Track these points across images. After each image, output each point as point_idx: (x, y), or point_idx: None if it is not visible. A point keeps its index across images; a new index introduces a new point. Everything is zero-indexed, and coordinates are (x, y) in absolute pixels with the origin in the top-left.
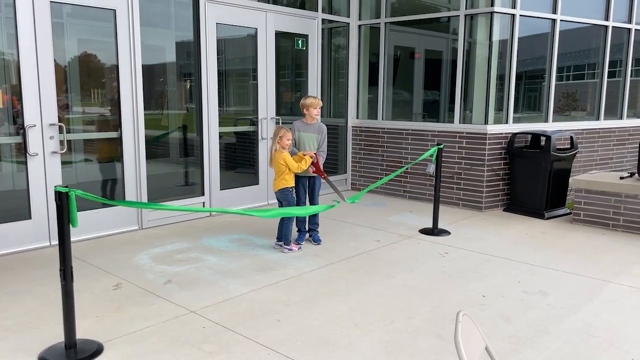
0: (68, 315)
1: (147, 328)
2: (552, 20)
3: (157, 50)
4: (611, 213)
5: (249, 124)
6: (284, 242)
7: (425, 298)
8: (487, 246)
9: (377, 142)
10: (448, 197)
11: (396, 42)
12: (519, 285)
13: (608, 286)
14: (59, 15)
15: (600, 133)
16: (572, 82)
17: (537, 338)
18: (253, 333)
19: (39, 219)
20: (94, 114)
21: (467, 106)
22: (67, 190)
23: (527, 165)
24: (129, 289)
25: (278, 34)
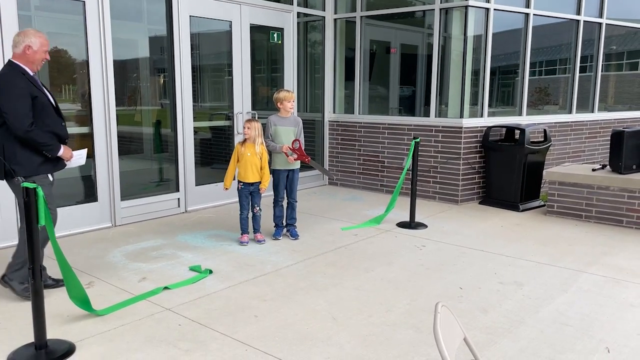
0: (38, 314)
1: (121, 327)
2: (525, 15)
3: (130, 45)
4: (584, 205)
5: (224, 118)
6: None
7: (403, 291)
8: (463, 239)
9: (354, 136)
10: (425, 191)
11: (372, 36)
12: (495, 277)
13: (581, 276)
14: (26, 7)
15: (573, 126)
16: (544, 77)
17: (513, 328)
18: (230, 329)
19: (7, 216)
20: (65, 110)
21: (443, 100)
22: (35, 187)
23: (502, 158)
24: (102, 287)
25: (253, 28)
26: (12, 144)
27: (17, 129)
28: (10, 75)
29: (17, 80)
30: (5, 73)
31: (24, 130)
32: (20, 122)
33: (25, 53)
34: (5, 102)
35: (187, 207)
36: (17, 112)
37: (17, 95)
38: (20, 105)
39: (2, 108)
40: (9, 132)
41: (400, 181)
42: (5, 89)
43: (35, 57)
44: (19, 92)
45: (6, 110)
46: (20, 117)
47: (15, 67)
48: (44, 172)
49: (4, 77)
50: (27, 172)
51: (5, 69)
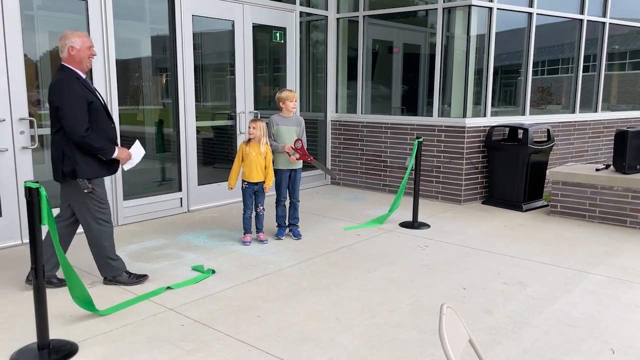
0: (41, 314)
1: (124, 327)
2: (528, 14)
3: (132, 44)
4: (587, 205)
5: (226, 118)
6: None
7: (406, 291)
8: (466, 239)
9: (357, 136)
10: (427, 191)
11: (375, 35)
12: (499, 277)
13: (586, 277)
14: (29, 7)
15: (576, 126)
16: (547, 76)
17: (517, 329)
18: (233, 330)
19: (10, 216)
20: None
21: (446, 100)
22: (38, 186)
23: (504, 158)
24: (104, 287)
25: (255, 27)
26: (71, 148)
27: (74, 134)
28: (67, 81)
29: (73, 86)
30: (61, 79)
31: (80, 136)
32: (77, 128)
33: (70, 54)
34: (63, 107)
35: (190, 206)
36: (74, 117)
37: (74, 101)
38: (77, 111)
39: (60, 113)
40: (67, 136)
41: (404, 181)
42: (63, 95)
43: (81, 56)
44: (75, 97)
45: (63, 115)
46: (77, 122)
47: (68, 72)
48: (102, 176)
49: (61, 83)
50: (87, 175)
51: (61, 75)
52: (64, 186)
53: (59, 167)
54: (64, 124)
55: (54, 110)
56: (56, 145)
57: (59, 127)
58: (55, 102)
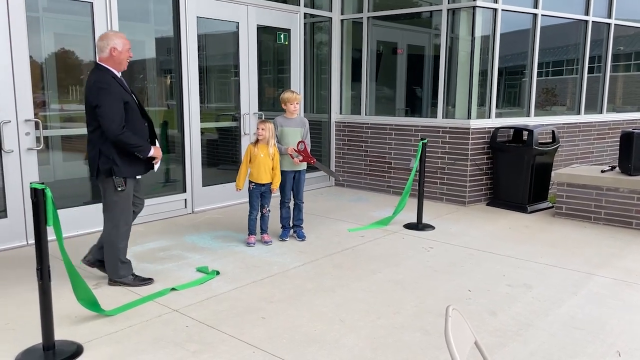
0: (46, 315)
1: (129, 328)
2: (533, 15)
3: (136, 46)
4: (593, 206)
5: (231, 119)
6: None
7: (410, 293)
8: (471, 240)
9: (361, 137)
10: (432, 192)
11: (379, 37)
12: (504, 279)
13: (591, 279)
14: (34, 9)
15: (581, 127)
16: (551, 77)
17: (522, 331)
18: (237, 331)
19: (15, 217)
20: (73, 111)
21: (450, 101)
22: (43, 187)
23: (509, 159)
24: (109, 287)
25: (260, 29)
26: (108, 146)
27: (110, 132)
28: (104, 80)
29: (110, 85)
30: (99, 78)
31: (115, 134)
32: (114, 126)
33: (112, 55)
34: (101, 106)
35: (194, 207)
36: (111, 116)
37: (112, 99)
38: (114, 109)
39: (98, 112)
40: (104, 135)
41: (409, 183)
42: (100, 94)
43: (122, 58)
44: (113, 96)
45: (101, 114)
46: (114, 121)
47: (105, 71)
48: (139, 174)
49: (99, 82)
50: (123, 174)
51: (98, 74)
52: (99, 183)
53: (95, 165)
54: (101, 122)
55: (91, 109)
56: (93, 143)
57: (95, 126)
58: (93, 101)
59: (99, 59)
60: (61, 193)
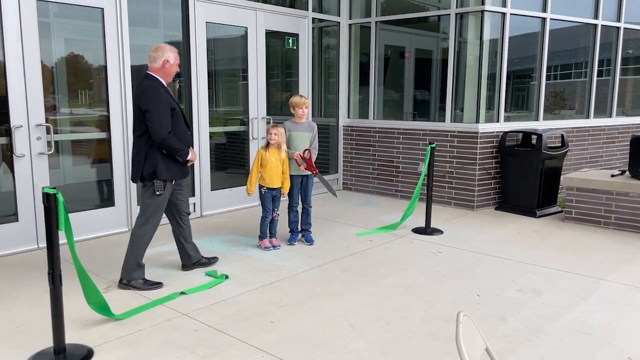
0: (57, 319)
1: (139, 332)
2: (542, 19)
3: (145, 50)
4: (602, 211)
5: (239, 124)
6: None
7: (419, 298)
8: (480, 245)
9: (369, 141)
10: (440, 196)
11: (387, 41)
12: (513, 284)
13: (601, 284)
14: (45, 14)
15: (590, 131)
16: (559, 81)
17: (532, 337)
18: (246, 335)
19: (26, 221)
20: (83, 115)
21: (458, 105)
22: (55, 192)
23: (518, 163)
24: (119, 291)
25: (268, 33)
26: (154, 151)
27: (157, 135)
28: (156, 88)
29: (161, 93)
30: (150, 85)
31: (162, 138)
32: (162, 130)
33: (164, 67)
34: (151, 111)
35: (203, 211)
36: (160, 121)
37: (161, 105)
38: (162, 115)
39: (148, 116)
40: (150, 140)
41: (417, 187)
42: (152, 100)
43: (171, 70)
44: (163, 103)
45: (151, 119)
46: (162, 125)
47: (155, 80)
48: (178, 178)
49: (150, 89)
50: (164, 177)
51: (149, 82)
52: (140, 186)
53: (140, 168)
54: (149, 125)
55: (140, 114)
56: (139, 147)
57: (143, 131)
58: (144, 106)
59: (150, 69)
60: (70, 197)
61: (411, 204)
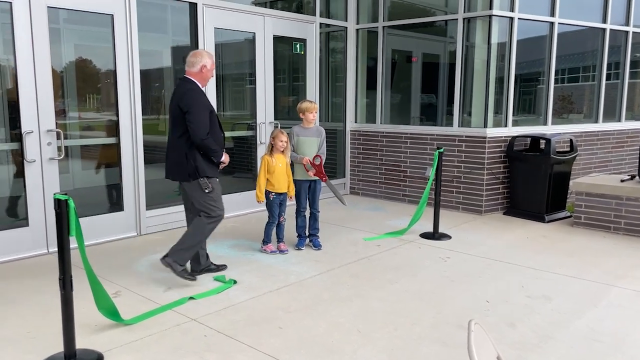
0: (67, 324)
1: (148, 337)
2: (550, 23)
3: (154, 55)
4: (612, 216)
5: (246, 128)
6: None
7: (428, 303)
8: (488, 250)
9: (376, 146)
10: (448, 201)
11: (394, 45)
12: (522, 290)
13: (612, 290)
14: (55, 20)
15: (599, 136)
16: (567, 84)
17: (542, 343)
18: (255, 341)
19: (37, 226)
20: (92, 120)
21: (466, 109)
22: (67, 198)
23: (527, 168)
24: (128, 296)
25: (276, 39)
26: (193, 151)
27: (197, 136)
28: (197, 91)
29: (201, 95)
30: (191, 88)
31: (201, 139)
32: (201, 131)
33: (202, 72)
34: (192, 112)
35: None
36: (200, 122)
37: (202, 108)
38: (202, 116)
39: (189, 117)
40: (189, 141)
41: (426, 192)
42: (194, 102)
43: (208, 76)
44: (203, 105)
45: (191, 119)
46: (202, 126)
47: (194, 84)
48: (215, 176)
49: (192, 92)
50: (207, 174)
51: (189, 85)
52: (186, 185)
53: (183, 168)
54: (189, 126)
55: (181, 115)
56: (178, 148)
57: (182, 132)
58: (185, 107)
59: (188, 73)
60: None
61: (419, 208)
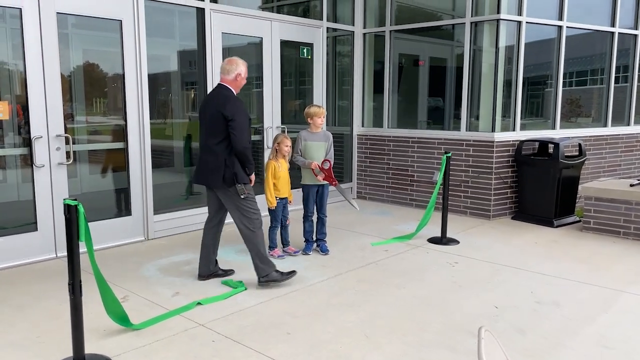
0: (77, 329)
1: (156, 342)
2: (558, 27)
3: (161, 60)
4: (622, 221)
5: (253, 133)
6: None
7: (436, 309)
8: (496, 255)
9: (383, 150)
10: (455, 206)
11: (401, 49)
12: (532, 296)
13: (622, 296)
14: (64, 26)
15: (608, 140)
16: (575, 87)
17: (552, 350)
18: (263, 347)
19: (45, 230)
20: (100, 124)
21: (473, 113)
22: (77, 204)
23: (535, 172)
24: (136, 301)
25: (283, 43)
26: (232, 158)
27: (239, 143)
28: (237, 99)
29: (242, 104)
30: (232, 96)
31: (243, 146)
32: (244, 139)
33: (237, 80)
34: (236, 119)
35: None
36: (243, 129)
37: (244, 116)
38: (245, 124)
39: (233, 124)
40: (229, 148)
41: (433, 197)
42: (237, 110)
43: (242, 84)
44: (244, 113)
45: (235, 126)
46: (244, 134)
47: (231, 92)
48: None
49: (234, 99)
50: (244, 180)
51: (229, 93)
52: (221, 192)
53: (220, 173)
54: (233, 133)
55: (222, 121)
56: (217, 154)
57: (222, 138)
58: (229, 115)
59: (224, 80)
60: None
61: (427, 213)
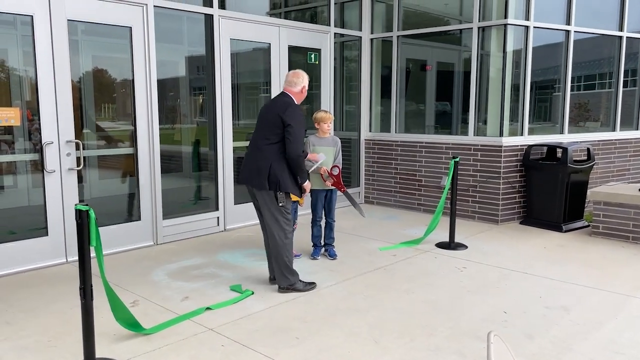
0: (88, 333)
1: (166, 346)
2: (566, 32)
3: (170, 65)
4: (631, 225)
5: None
6: None
7: (444, 314)
8: (505, 260)
9: (391, 155)
10: (463, 210)
11: (408, 54)
12: (540, 301)
13: (631, 301)
14: (74, 32)
15: (617, 144)
16: (583, 92)
17: (561, 356)
18: (272, 351)
19: (56, 235)
20: (109, 130)
21: (481, 118)
22: (88, 209)
23: (543, 177)
24: (146, 306)
25: (291, 49)
26: (279, 164)
27: (294, 150)
28: (298, 107)
29: (301, 113)
30: (294, 104)
31: (298, 155)
32: (299, 146)
33: (302, 92)
34: (294, 126)
35: (226, 225)
36: (299, 138)
37: (302, 124)
38: (302, 133)
39: (290, 130)
40: (279, 152)
41: (441, 201)
42: (297, 118)
43: (304, 96)
44: (303, 122)
45: (292, 132)
46: (300, 142)
47: (294, 101)
48: (295, 192)
49: (295, 107)
50: (287, 188)
51: (290, 101)
52: (260, 195)
53: (264, 176)
54: (289, 139)
55: (279, 125)
56: (265, 155)
57: (274, 141)
58: (289, 120)
59: (288, 90)
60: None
61: (435, 218)
